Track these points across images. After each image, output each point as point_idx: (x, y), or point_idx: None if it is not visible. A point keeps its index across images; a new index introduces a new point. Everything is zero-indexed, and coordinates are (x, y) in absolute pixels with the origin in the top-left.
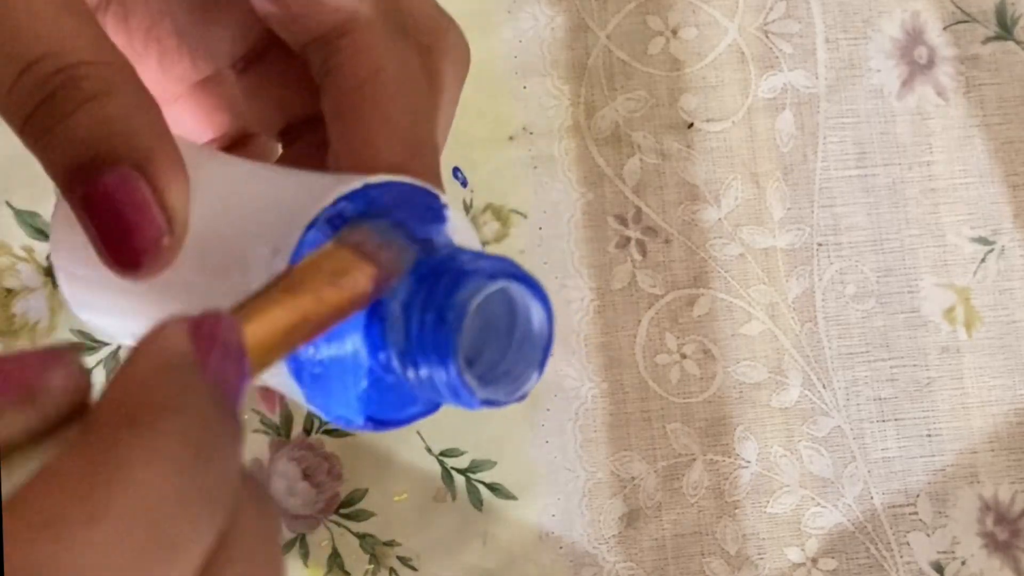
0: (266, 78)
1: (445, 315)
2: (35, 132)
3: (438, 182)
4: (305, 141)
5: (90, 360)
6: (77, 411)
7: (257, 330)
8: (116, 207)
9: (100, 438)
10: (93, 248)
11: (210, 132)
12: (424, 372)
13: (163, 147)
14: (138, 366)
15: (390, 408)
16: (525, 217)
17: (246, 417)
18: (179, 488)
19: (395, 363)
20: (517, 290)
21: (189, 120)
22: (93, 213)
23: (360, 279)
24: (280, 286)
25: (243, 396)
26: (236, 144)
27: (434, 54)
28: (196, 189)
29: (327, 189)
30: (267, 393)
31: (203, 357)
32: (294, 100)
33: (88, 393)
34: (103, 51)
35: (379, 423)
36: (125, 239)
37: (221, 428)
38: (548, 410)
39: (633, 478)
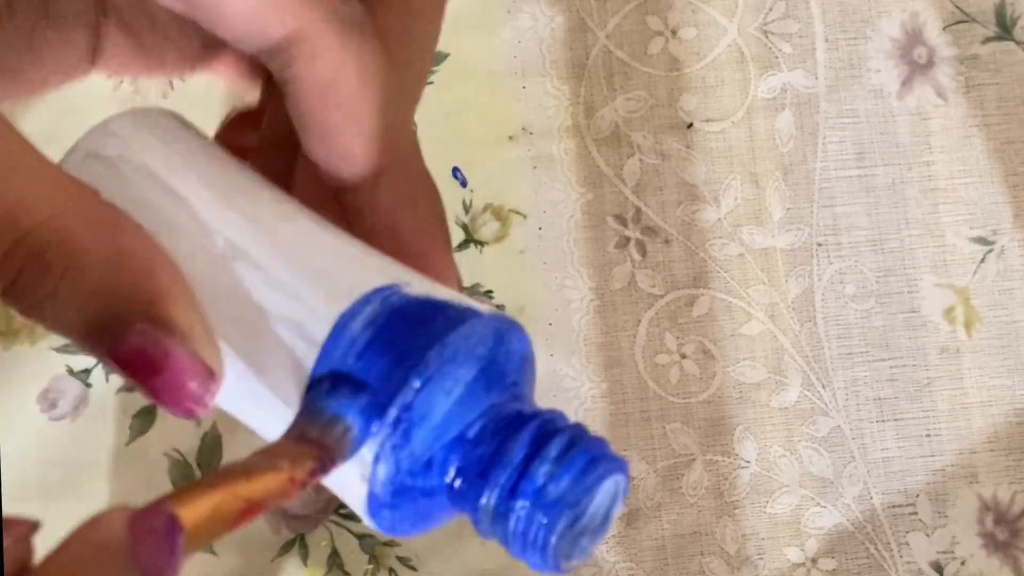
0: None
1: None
2: (24, 312)
3: (420, 164)
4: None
5: (88, 360)
6: None
7: (186, 516)
8: (147, 365)
9: None
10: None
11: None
12: (510, 528)
13: (161, 287)
14: (72, 546)
15: (423, 520)
16: (525, 217)
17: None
18: None
19: (487, 504)
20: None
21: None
22: (126, 369)
23: (274, 479)
24: (211, 477)
25: None
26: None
27: (380, 8)
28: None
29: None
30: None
31: (135, 545)
32: None
33: (28, 564)
34: (58, 200)
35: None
36: (171, 396)
37: None
38: None
39: (633, 478)
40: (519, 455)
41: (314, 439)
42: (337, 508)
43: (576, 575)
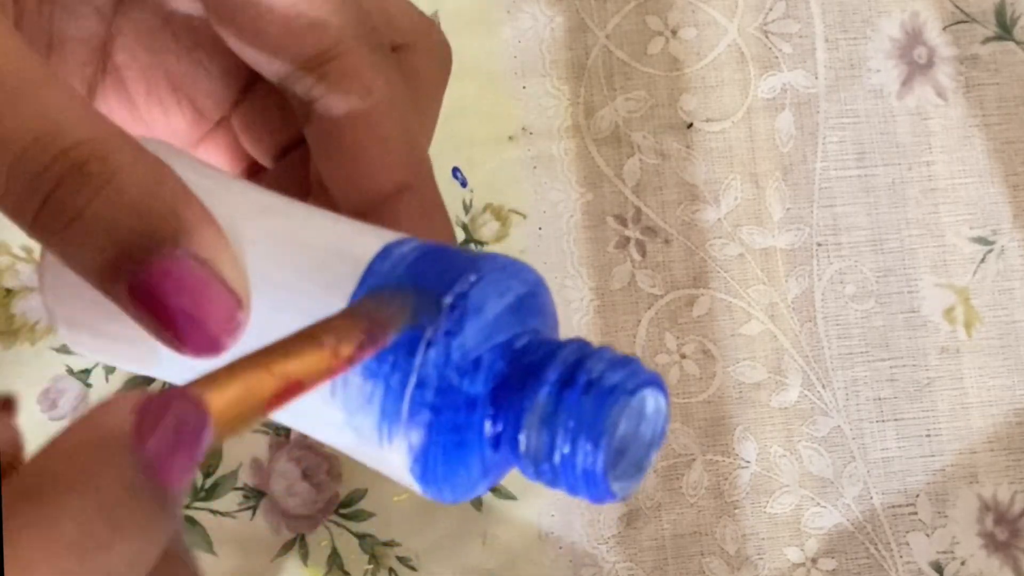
0: (255, 110)
1: (600, 415)
2: (50, 231)
3: (436, 195)
4: (285, 162)
5: (88, 361)
6: (11, 468)
7: (214, 400)
8: (174, 294)
9: (2, 508)
10: (155, 338)
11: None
12: (557, 459)
13: (197, 216)
14: (67, 438)
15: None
16: (525, 217)
17: None
18: (64, 573)
19: (526, 445)
20: (651, 395)
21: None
22: (148, 306)
23: (316, 354)
24: (241, 358)
25: (189, 475)
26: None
27: (416, 54)
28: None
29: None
30: None
31: (142, 437)
32: (284, 126)
33: (20, 452)
34: (98, 124)
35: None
36: (194, 325)
37: (135, 513)
38: None
39: None
40: (572, 357)
41: (363, 314)
42: (337, 508)
43: (576, 574)
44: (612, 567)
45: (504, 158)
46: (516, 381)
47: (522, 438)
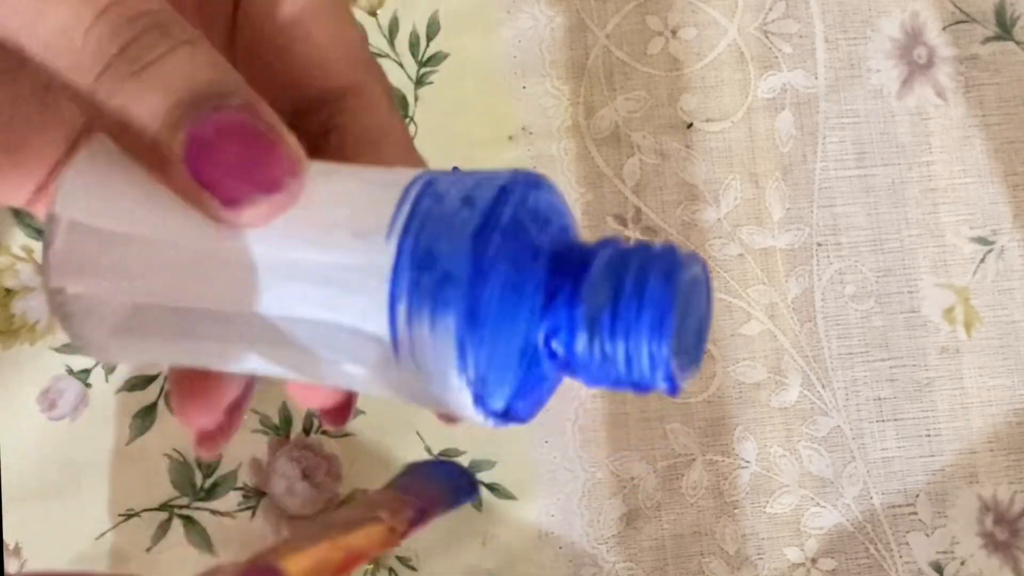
0: None
1: (663, 292)
2: (118, 77)
3: (385, 96)
4: None
5: (88, 361)
6: None
7: (292, 570)
8: (243, 138)
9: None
10: (200, 198)
11: None
12: (621, 348)
13: (254, 94)
14: None
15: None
16: None
17: (244, 417)
18: None
19: (582, 337)
20: (699, 276)
21: None
22: (210, 152)
23: (375, 530)
24: (314, 528)
25: None
26: None
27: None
28: None
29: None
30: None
31: None
32: None
33: None
34: (174, 7)
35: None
36: (256, 168)
37: None
38: (547, 410)
39: (632, 478)
40: (618, 246)
41: (413, 491)
42: (337, 508)
43: (576, 574)
44: (612, 567)
45: (504, 158)
46: (571, 266)
47: (581, 312)
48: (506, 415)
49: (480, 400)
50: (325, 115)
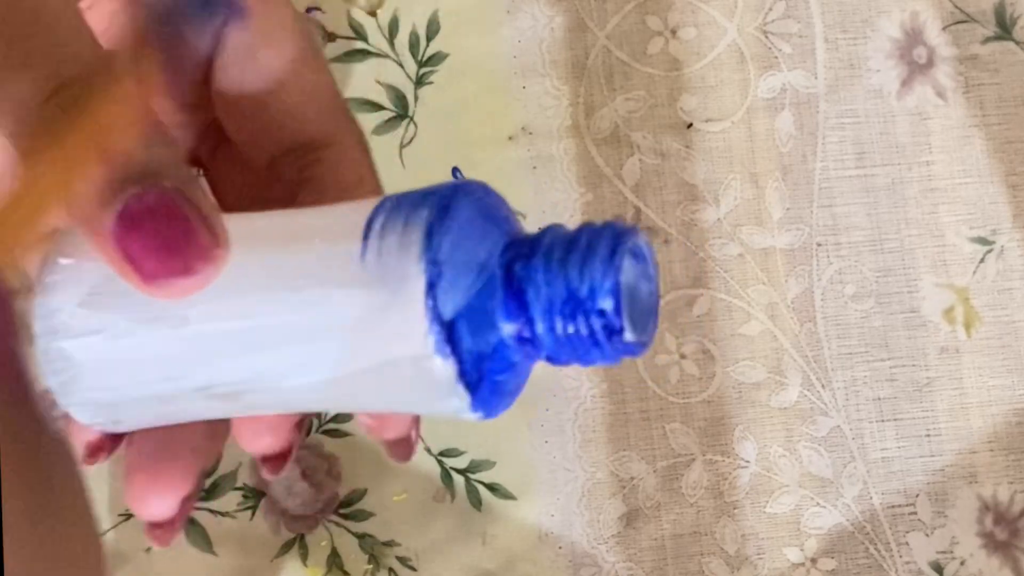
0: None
1: (608, 258)
2: (49, 139)
3: (359, 148)
4: None
5: None
6: None
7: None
8: (168, 213)
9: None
10: (124, 270)
11: None
12: (573, 324)
13: (186, 172)
14: None
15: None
16: (525, 217)
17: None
18: None
19: (539, 321)
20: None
21: None
22: (134, 230)
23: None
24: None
25: None
26: None
27: None
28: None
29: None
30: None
31: None
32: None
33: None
34: (95, 53)
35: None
36: (170, 254)
37: None
38: (547, 410)
39: (632, 478)
40: (560, 231)
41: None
42: (337, 508)
43: (576, 574)
44: (612, 567)
45: (504, 158)
46: (522, 259)
47: (531, 294)
48: (450, 334)
49: (432, 289)
50: (303, 163)
